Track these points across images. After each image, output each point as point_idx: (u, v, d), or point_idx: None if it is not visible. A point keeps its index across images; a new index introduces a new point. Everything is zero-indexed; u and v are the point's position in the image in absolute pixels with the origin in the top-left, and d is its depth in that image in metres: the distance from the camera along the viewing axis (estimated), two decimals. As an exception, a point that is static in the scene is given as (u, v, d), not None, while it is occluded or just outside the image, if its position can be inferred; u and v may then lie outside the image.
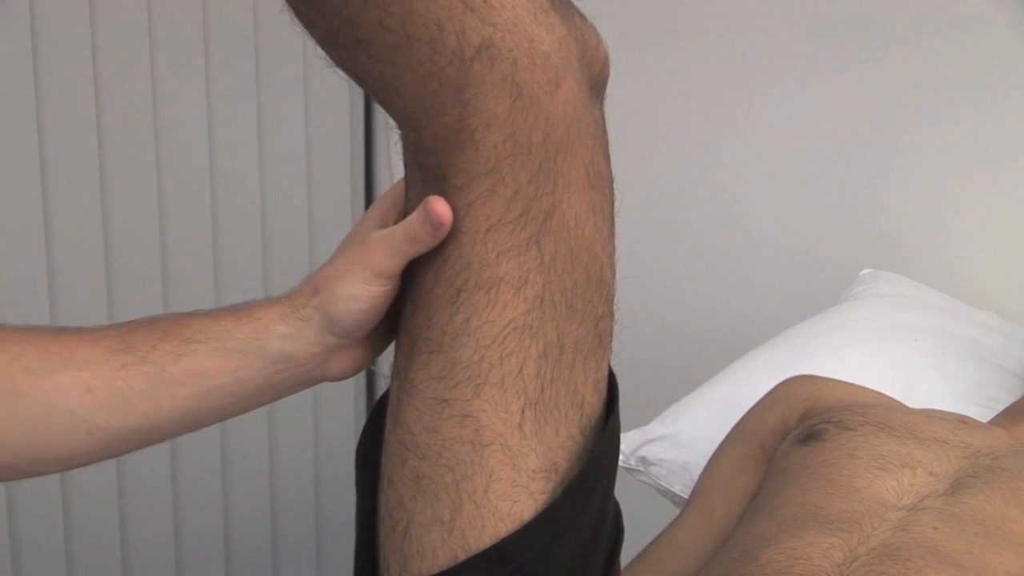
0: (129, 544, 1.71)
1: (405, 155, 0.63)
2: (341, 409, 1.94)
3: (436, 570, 0.60)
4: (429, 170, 0.60)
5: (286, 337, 0.65)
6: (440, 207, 0.59)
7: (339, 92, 1.86)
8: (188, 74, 1.66)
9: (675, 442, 1.14)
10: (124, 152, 1.62)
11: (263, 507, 1.87)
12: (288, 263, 1.83)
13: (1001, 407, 1.03)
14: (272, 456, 1.86)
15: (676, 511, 1.00)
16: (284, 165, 1.81)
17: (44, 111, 1.52)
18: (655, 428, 1.16)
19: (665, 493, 1.14)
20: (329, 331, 0.65)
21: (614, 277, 0.64)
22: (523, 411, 0.60)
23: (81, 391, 0.62)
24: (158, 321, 0.66)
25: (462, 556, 0.60)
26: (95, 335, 0.64)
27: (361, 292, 0.64)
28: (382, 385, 2.00)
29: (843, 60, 1.43)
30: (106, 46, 1.56)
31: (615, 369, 0.67)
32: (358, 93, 1.89)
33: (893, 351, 1.16)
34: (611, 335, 0.64)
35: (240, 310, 0.66)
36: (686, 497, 1.03)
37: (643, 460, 1.14)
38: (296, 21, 0.59)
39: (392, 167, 1.91)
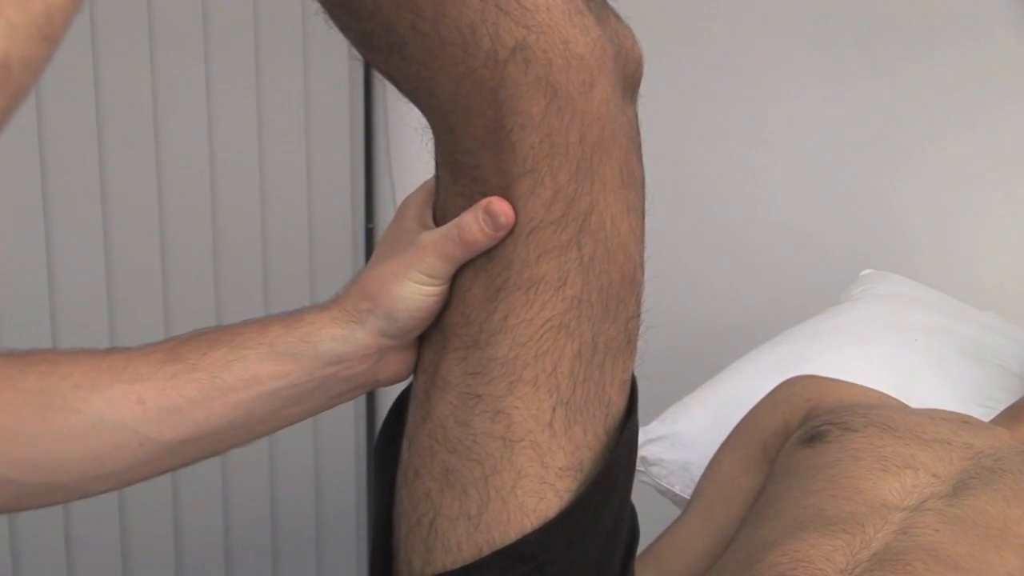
0: (129, 544, 1.71)
1: (437, 156, 0.63)
2: (341, 409, 1.93)
3: (460, 564, 0.60)
4: (465, 171, 0.60)
5: (339, 339, 0.65)
6: (504, 207, 0.59)
7: (339, 92, 1.86)
8: (188, 74, 1.66)
9: (675, 442, 1.14)
10: (124, 152, 1.62)
11: (263, 507, 1.87)
12: (288, 263, 1.83)
13: (1001, 407, 1.04)
14: (272, 456, 1.86)
15: (677, 511, 1.00)
16: (284, 166, 1.81)
17: (44, 111, 1.52)
18: (655, 428, 1.16)
19: (665, 493, 1.14)
20: (383, 332, 0.65)
21: (643, 277, 0.65)
22: (554, 409, 0.61)
23: (132, 403, 0.62)
24: (207, 332, 0.65)
25: (487, 551, 0.60)
26: (143, 351, 0.64)
27: (416, 293, 0.63)
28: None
29: (857, 67, 1.44)
30: (106, 46, 1.56)
31: (638, 368, 0.67)
32: (358, 93, 1.89)
33: (893, 351, 1.16)
34: (637, 335, 0.65)
35: (290, 316, 0.66)
36: (687, 497, 1.03)
37: (643, 460, 1.14)
38: (331, 24, 0.58)
39: (392, 167, 1.91)
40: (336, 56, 1.80)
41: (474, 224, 0.60)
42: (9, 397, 0.61)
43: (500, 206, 0.59)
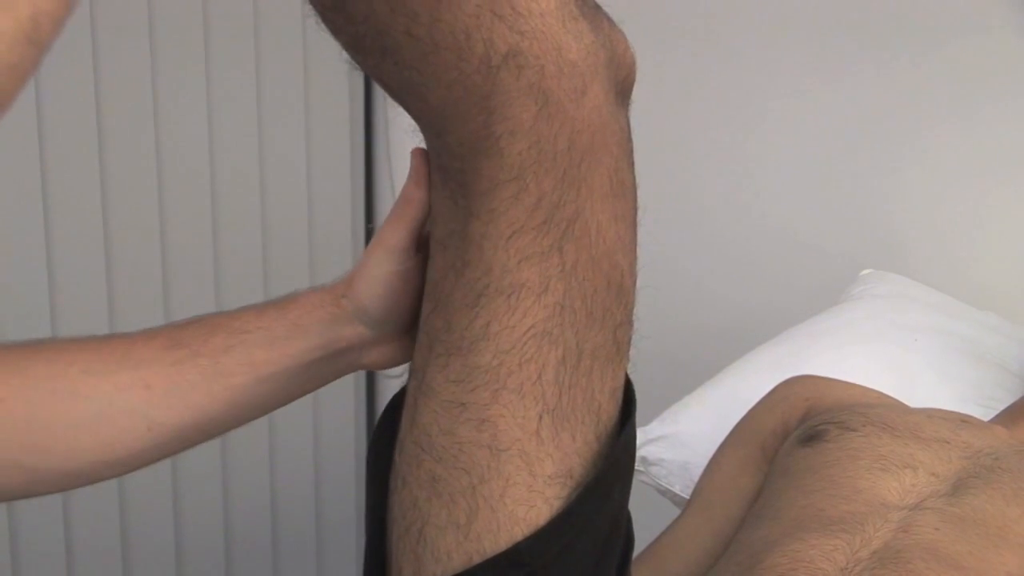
0: (129, 544, 1.71)
1: (430, 159, 0.63)
2: (341, 409, 1.94)
3: (450, 573, 0.60)
4: (451, 175, 0.60)
5: (325, 322, 0.67)
6: (416, 152, 0.63)
7: (339, 92, 1.86)
8: (188, 74, 1.66)
9: (675, 442, 1.14)
10: (124, 152, 1.62)
11: (263, 507, 1.87)
12: (288, 263, 1.83)
13: (1001, 407, 1.04)
14: (272, 456, 1.86)
15: (676, 511, 1.00)
16: (284, 165, 1.81)
17: (44, 111, 1.52)
18: (655, 428, 1.16)
19: (665, 493, 1.14)
20: (361, 321, 0.67)
21: (634, 285, 0.64)
22: (540, 417, 0.60)
23: (140, 388, 0.63)
24: (206, 318, 0.67)
25: (477, 560, 0.60)
26: (145, 336, 0.65)
27: (379, 273, 0.66)
28: (383, 385, 2.00)
29: (853, 66, 1.44)
30: (106, 46, 1.56)
31: (637, 370, 0.67)
32: (358, 92, 1.89)
33: (893, 351, 1.16)
34: (629, 343, 0.64)
35: (284, 301, 0.68)
36: (686, 497, 1.03)
37: (643, 460, 1.14)
38: (323, 27, 0.58)
39: (392, 167, 1.91)
40: (336, 56, 1.80)
41: (408, 179, 0.63)
42: (19, 383, 0.62)
43: (415, 152, 0.63)
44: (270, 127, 1.78)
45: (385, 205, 1.96)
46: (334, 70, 1.82)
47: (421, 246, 0.66)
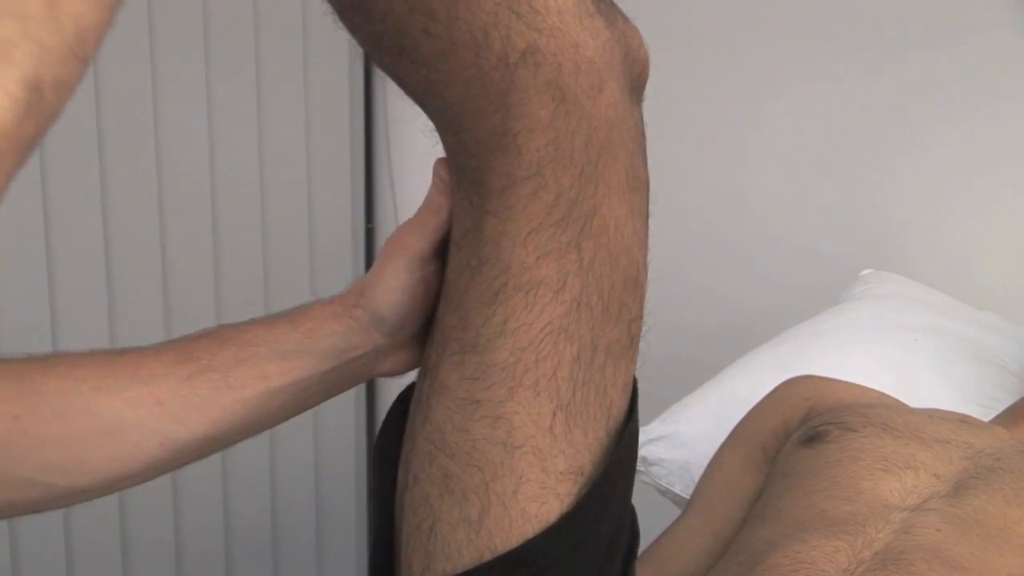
0: (129, 544, 1.71)
1: (448, 159, 0.64)
2: (341, 409, 1.94)
3: (460, 569, 0.60)
4: (467, 174, 0.60)
5: (338, 334, 0.67)
6: (441, 162, 0.63)
7: (339, 92, 1.86)
8: (188, 74, 1.66)
9: (675, 442, 1.14)
10: (124, 152, 1.62)
11: (263, 507, 1.87)
12: (288, 263, 1.83)
13: (1001, 407, 1.04)
14: (272, 456, 1.86)
15: (677, 511, 1.00)
16: (284, 165, 1.81)
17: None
18: (655, 428, 1.16)
19: (666, 493, 1.14)
20: (377, 329, 0.67)
21: (647, 279, 0.64)
22: (555, 413, 0.60)
23: (151, 404, 0.63)
24: (216, 331, 0.67)
25: (488, 556, 0.60)
26: (155, 350, 0.65)
27: (398, 282, 0.65)
28: (383, 385, 2.00)
29: (851, 67, 1.44)
30: (106, 46, 1.56)
31: (637, 370, 0.67)
32: (358, 92, 1.89)
33: (893, 351, 1.16)
34: (639, 337, 0.65)
35: (295, 313, 0.68)
36: (687, 497, 1.03)
37: (644, 460, 1.14)
38: (340, 25, 0.58)
39: (392, 167, 1.91)
40: (336, 56, 1.80)
41: (432, 188, 0.63)
42: (32, 401, 0.62)
43: (438, 164, 0.63)
44: (270, 127, 1.78)
45: (385, 205, 1.96)
46: (334, 70, 1.82)
47: (438, 252, 0.66)
